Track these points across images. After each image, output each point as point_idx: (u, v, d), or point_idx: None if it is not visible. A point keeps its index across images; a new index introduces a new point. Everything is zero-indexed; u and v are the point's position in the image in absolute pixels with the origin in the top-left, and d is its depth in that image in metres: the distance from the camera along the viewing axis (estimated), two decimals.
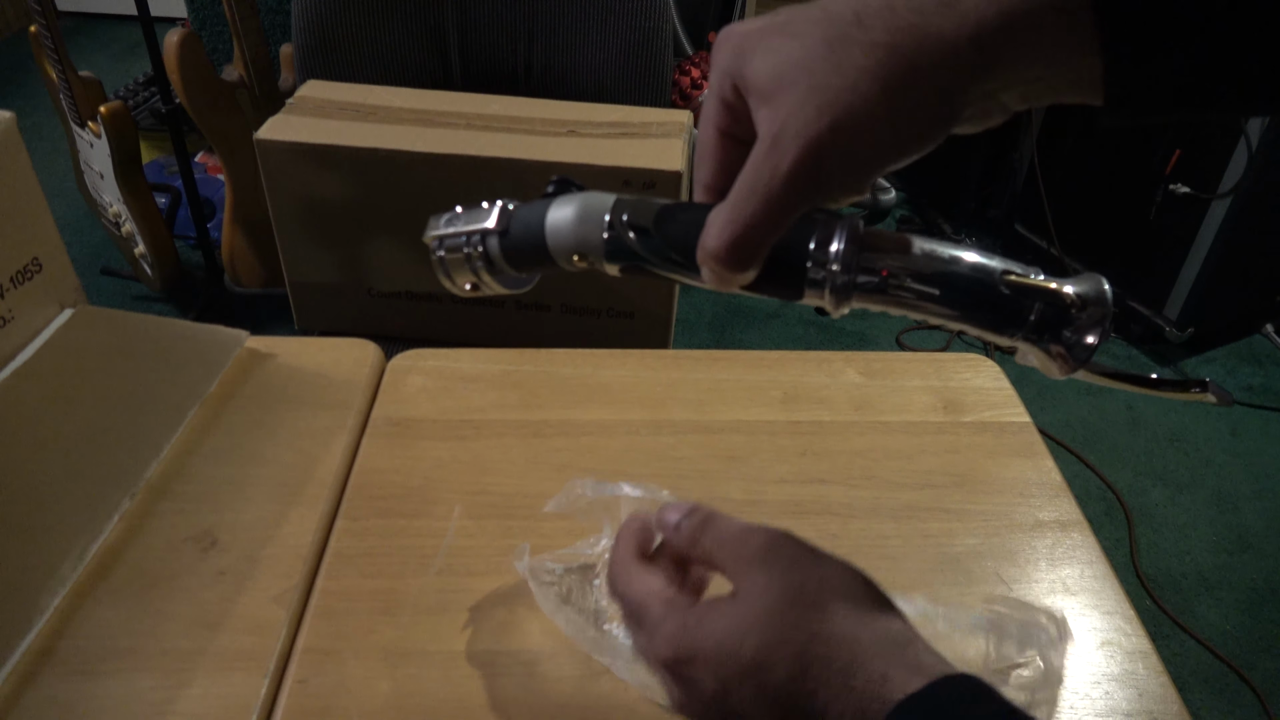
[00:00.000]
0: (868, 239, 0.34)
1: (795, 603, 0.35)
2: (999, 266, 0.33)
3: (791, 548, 0.37)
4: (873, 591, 0.36)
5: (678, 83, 2.18)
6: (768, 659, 0.34)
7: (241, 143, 1.70)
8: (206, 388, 0.70)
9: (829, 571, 0.36)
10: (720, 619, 0.36)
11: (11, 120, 0.65)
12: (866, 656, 0.33)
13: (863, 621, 0.34)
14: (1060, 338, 0.32)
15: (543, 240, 0.39)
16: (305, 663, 0.53)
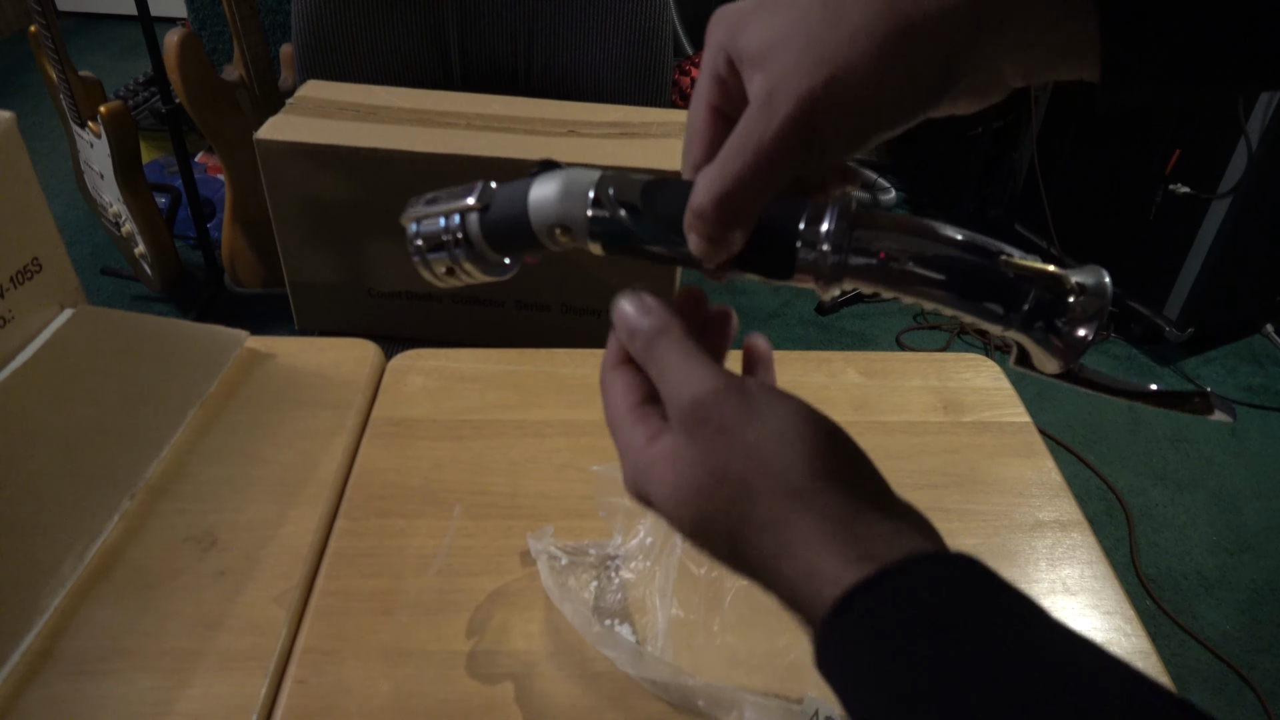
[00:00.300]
0: (861, 218, 0.33)
1: (722, 480, 0.31)
2: (997, 248, 0.32)
3: (720, 410, 0.32)
4: (813, 456, 0.31)
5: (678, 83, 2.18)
6: (705, 533, 0.32)
7: (241, 143, 1.69)
8: (206, 388, 0.70)
9: (759, 439, 0.31)
10: (663, 477, 0.33)
11: (11, 120, 0.65)
12: (795, 544, 0.30)
13: (793, 501, 0.30)
14: (1055, 326, 0.31)
15: (525, 216, 0.37)
16: (305, 663, 0.53)
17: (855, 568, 0.28)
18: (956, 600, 0.27)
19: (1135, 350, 2.07)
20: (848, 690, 0.28)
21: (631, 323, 0.35)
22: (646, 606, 0.56)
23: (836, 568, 0.28)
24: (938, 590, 0.27)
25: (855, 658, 0.27)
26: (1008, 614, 0.26)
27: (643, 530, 0.59)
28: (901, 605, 0.27)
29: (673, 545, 0.57)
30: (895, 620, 0.27)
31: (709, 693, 0.50)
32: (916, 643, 0.26)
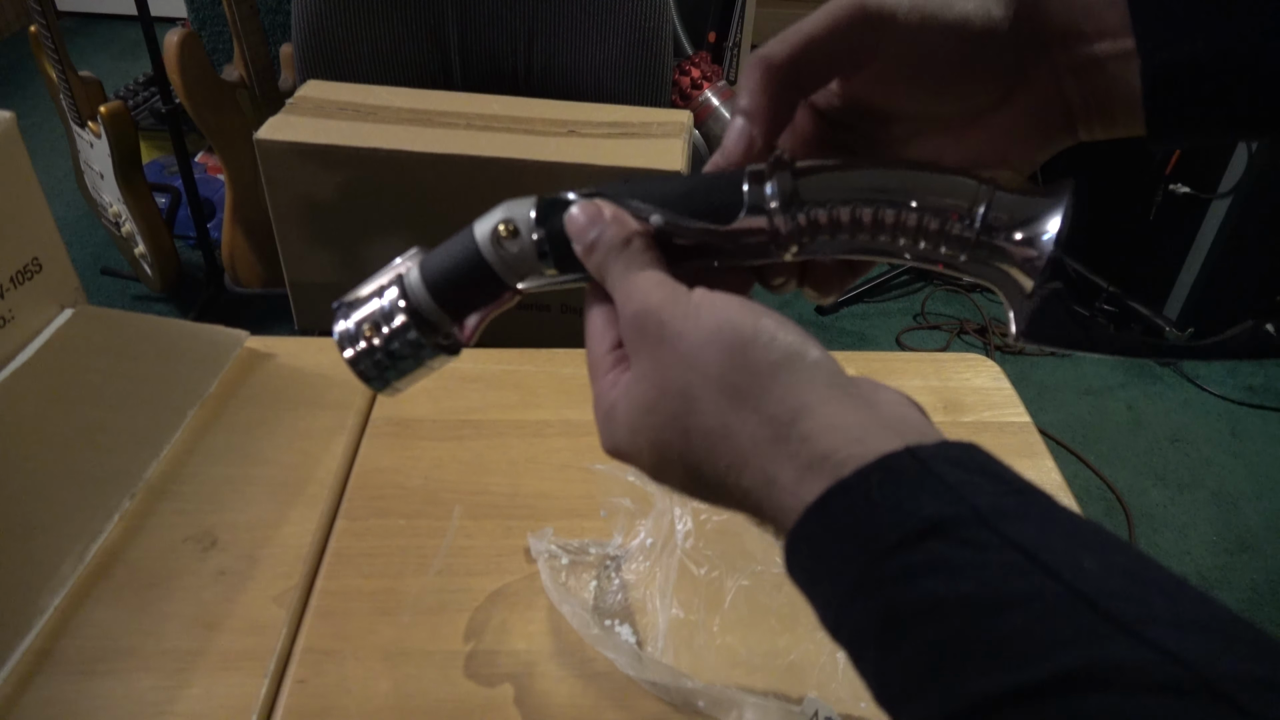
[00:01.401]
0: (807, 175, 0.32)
1: (664, 393, 0.30)
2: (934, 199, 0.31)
3: (659, 319, 0.31)
4: (748, 355, 0.29)
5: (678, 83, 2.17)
6: (663, 459, 0.31)
7: (241, 143, 1.69)
8: (206, 388, 0.70)
9: (695, 343, 0.29)
10: (622, 414, 0.32)
11: (11, 120, 0.65)
12: (745, 453, 0.28)
13: (734, 406, 0.28)
14: (1018, 226, 0.30)
15: (470, 237, 0.34)
16: (305, 663, 0.53)
17: (812, 474, 0.26)
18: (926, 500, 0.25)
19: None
20: (818, 602, 0.27)
21: (582, 233, 0.33)
22: (647, 607, 0.56)
23: (792, 475, 0.27)
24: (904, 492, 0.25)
25: (820, 568, 0.26)
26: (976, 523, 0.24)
27: (643, 531, 0.59)
28: (870, 511, 0.25)
29: (673, 546, 0.57)
30: (862, 531, 0.25)
31: (709, 694, 0.50)
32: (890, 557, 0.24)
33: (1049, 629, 0.21)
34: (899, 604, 0.24)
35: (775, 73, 0.33)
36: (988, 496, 0.25)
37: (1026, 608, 0.22)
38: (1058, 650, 0.21)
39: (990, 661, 0.22)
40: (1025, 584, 0.22)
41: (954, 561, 0.23)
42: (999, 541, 0.23)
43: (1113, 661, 0.20)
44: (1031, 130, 0.33)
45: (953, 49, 0.32)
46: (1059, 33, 0.31)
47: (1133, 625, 0.21)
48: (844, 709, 0.50)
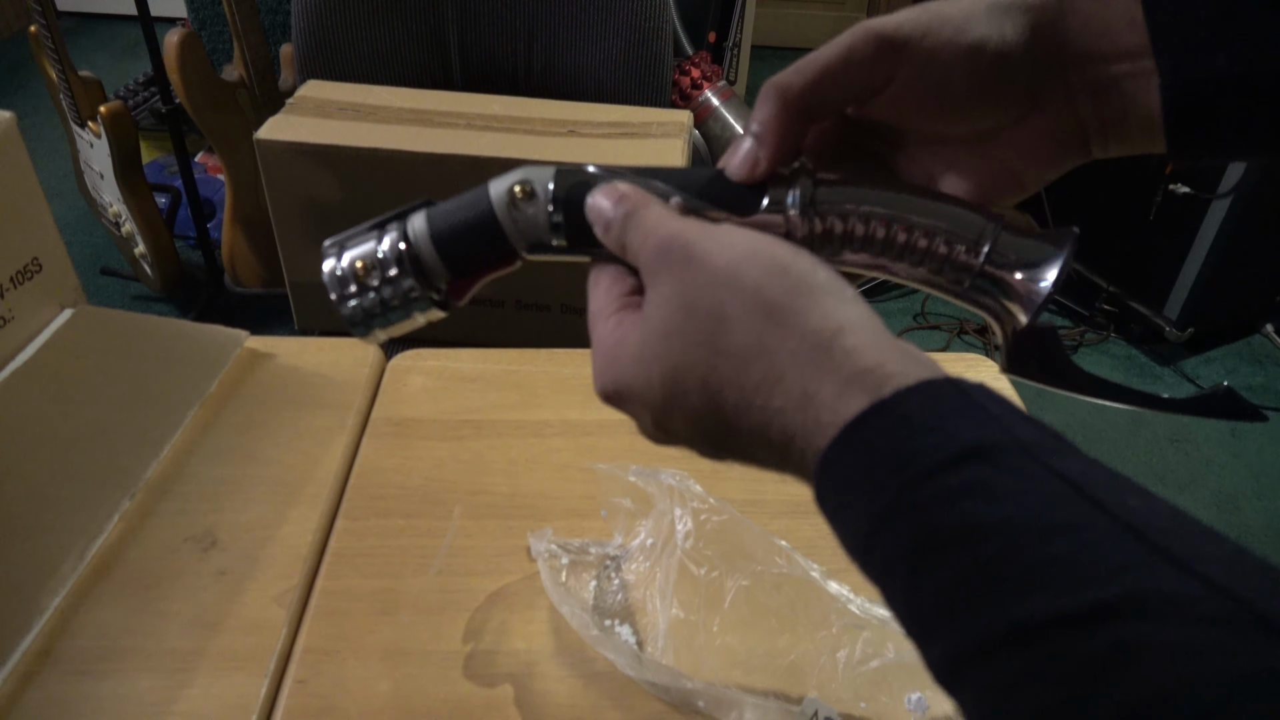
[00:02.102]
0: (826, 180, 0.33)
1: (691, 313, 0.29)
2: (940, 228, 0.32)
3: (685, 242, 0.30)
4: (788, 276, 0.29)
5: (678, 83, 2.17)
6: (678, 387, 0.29)
7: (241, 143, 1.69)
8: (206, 388, 0.70)
9: (728, 262, 0.29)
10: (632, 346, 0.31)
11: (11, 120, 0.65)
12: (783, 368, 0.27)
13: (772, 323, 0.28)
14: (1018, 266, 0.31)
15: (485, 194, 0.33)
16: (305, 663, 0.53)
17: (855, 389, 0.26)
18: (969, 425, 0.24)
19: (1135, 350, 2.07)
20: (847, 527, 0.26)
21: (606, 214, 0.33)
22: (647, 607, 0.56)
23: (835, 389, 0.26)
24: (947, 416, 0.24)
25: (852, 489, 0.25)
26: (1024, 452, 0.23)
27: (643, 531, 0.59)
28: (910, 432, 0.24)
29: (673, 546, 0.57)
30: (902, 451, 0.24)
31: (709, 694, 0.50)
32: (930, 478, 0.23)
33: (1096, 557, 0.21)
34: (937, 526, 0.23)
35: (790, 103, 0.33)
36: (1030, 432, 0.24)
37: (1072, 535, 0.21)
38: (1106, 578, 0.20)
39: (1034, 586, 0.21)
40: (1071, 512, 0.22)
41: (996, 486, 0.23)
42: (1042, 471, 0.23)
43: (1163, 591, 0.20)
44: (1046, 149, 0.34)
45: (967, 73, 0.32)
46: (1076, 54, 0.31)
47: (1182, 559, 0.20)
48: (844, 709, 0.50)
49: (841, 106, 0.34)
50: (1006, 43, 0.31)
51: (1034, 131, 0.33)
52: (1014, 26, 0.31)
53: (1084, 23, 0.31)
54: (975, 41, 0.31)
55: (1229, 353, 2.08)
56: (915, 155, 0.36)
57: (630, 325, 0.31)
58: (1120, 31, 0.30)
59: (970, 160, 0.34)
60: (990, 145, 0.34)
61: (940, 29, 0.31)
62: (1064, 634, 0.20)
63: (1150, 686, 0.19)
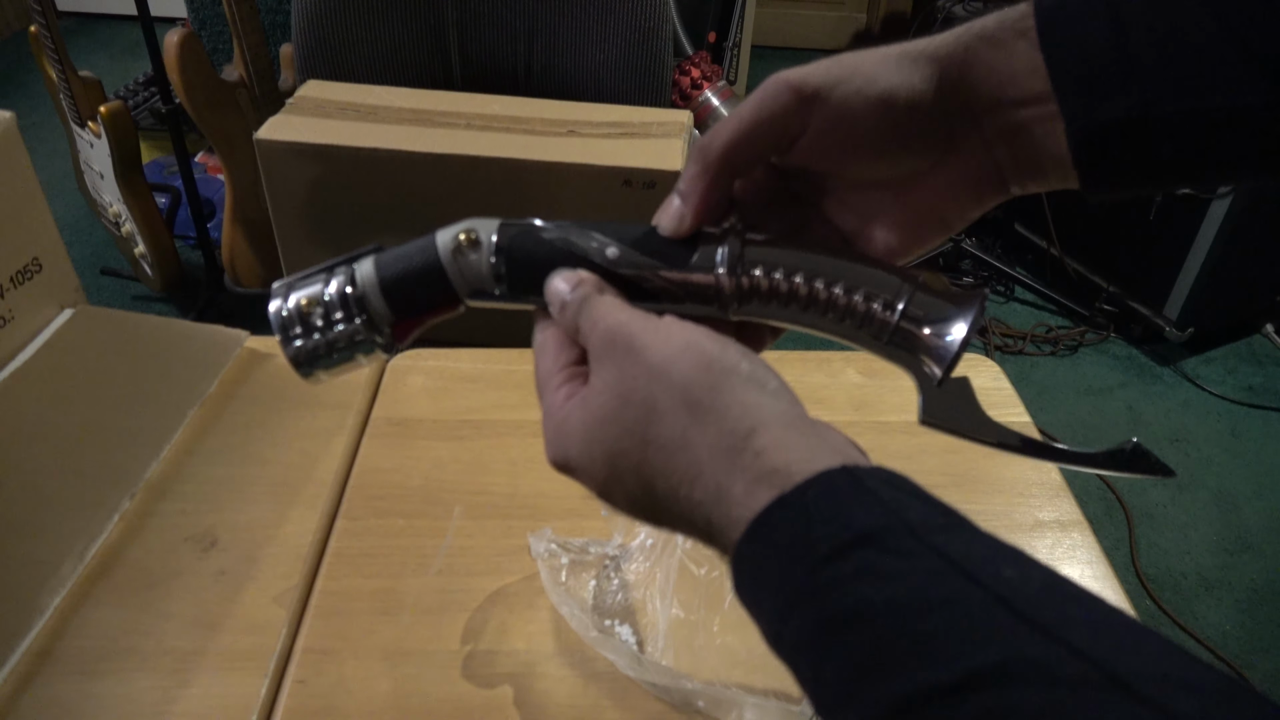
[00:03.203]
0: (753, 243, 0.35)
1: (627, 403, 0.31)
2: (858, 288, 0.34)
3: (629, 333, 0.32)
4: (715, 369, 0.30)
5: (678, 83, 2.17)
6: (615, 470, 0.31)
7: (241, 143, 1.69)
8: (206, 388, 0.70)
9: (663, 357, 0.31)
10: (576, 425, 0.32)
11: (11, 120, 0.65)
12: (701, 465, 0.29)
13: (694, 419, 0.29)
14: (932, 322, 0.33)
15: (431, 243, 0.35)
16: (305, 663, 0.53)
17: (762, 486, 0.27)
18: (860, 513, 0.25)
19: (1135, 350, 2.07)
20: (762, 618, 0.27)
21: (563, 296, 0.34)
22: (647, 607, 0.56)
23: (744, 487, 0.28)
24: (841, 505, 0.26)
25: (761, 582, 0.27)
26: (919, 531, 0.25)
27: (643, 531, 0.59)
28: (807, 524, 0.26)
29: (673, 546, 0.57)
30: (800, 542, 0.26)
31: (709, 694, 0.50)
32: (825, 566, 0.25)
33: (967, 630, 0.22)
34: (832, 611, 0.24)
35: (711, 163, 0.34)
36: (917, 512, 0.26)
37: (947, 610, 0.23)
38: (974, 649, 0.22)
39: (911, 661, 0.22)
40: (947, 588, 0.23)
41: (882, 569, 0.24)
42: (925, 550, 0.24)
43: (1025, 658, 0.21)
44: (965, 190, 0.35)
45: (880, 121, 0.33)
46: (984, 101, 0.33)
47: (1047, 626, 0.22)
48: None
49: (762, 158, 0.36)
50: (915, 91, 0.33)
51: (952, 174, 0.35)
52: (921, 76, 0.33)
53: (989, 71, 0.32)
54: (884, 91, 0.33)
55: (1229, 353, 2.08)
56: (843, 199, 0.37)
57: (576, 403, 0.33)
58: (1024, 78, 0.32)
59: (894, 203, 0.36)
60: (911, 188, 0.35)
61: (850, 79, 0.33)
62: (939, 704, 0.21)
63: None
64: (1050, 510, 0.65)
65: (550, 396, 0.34)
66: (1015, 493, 0.66)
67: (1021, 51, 0.32)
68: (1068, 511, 0.65)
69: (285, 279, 0.36)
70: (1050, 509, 0.65)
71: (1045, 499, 0.66)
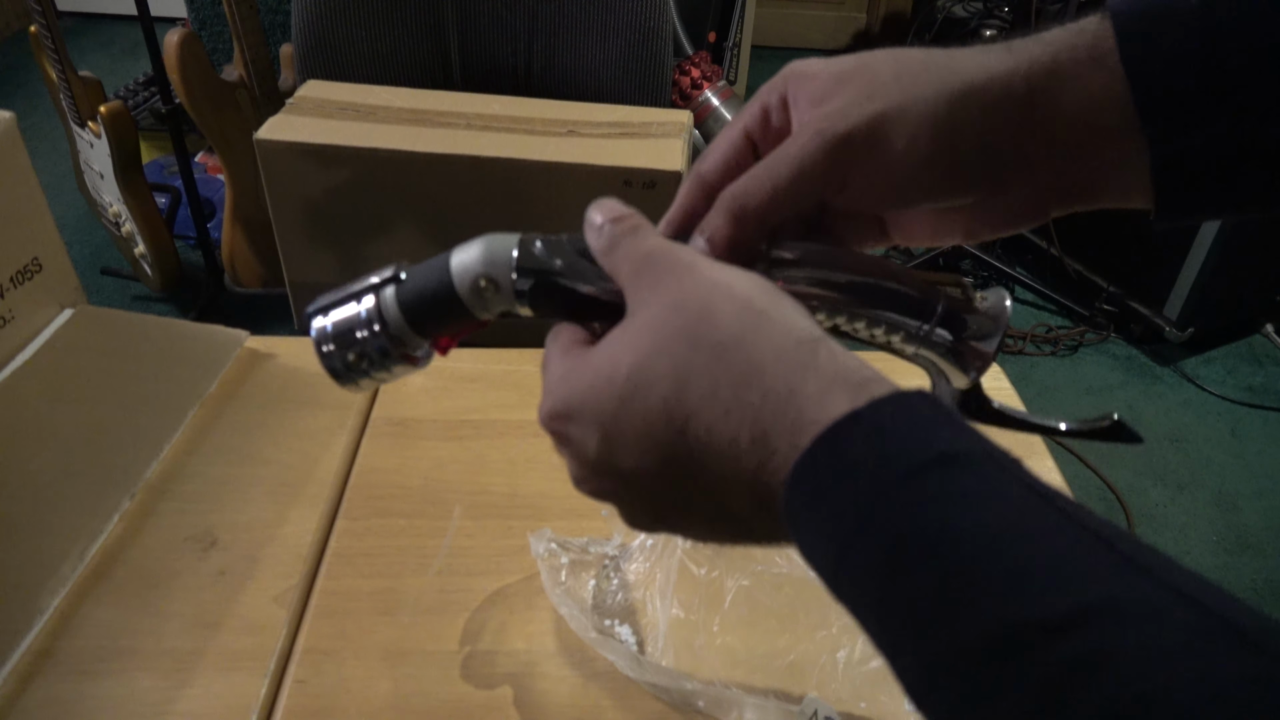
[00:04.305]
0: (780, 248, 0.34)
1: (677, 308, 0.28)
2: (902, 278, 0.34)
3: (676, 254, 0.30)
4: (774, 294, 0.29)
5: (678, 83, 2.17)
6: (643, 378, 0.28)
7: (241, 143, 1.69)
8: (206, 388, 0.70)
9: (722, 274, 0.29)
10: (598, 351, 0.30)
11: (11, 120, 0.65)
12: (763, 361, 0.26)
13: (759, 319, 0.27)
14: (962, 337, 0.34)
15: (448, 276, 0.35)
16: (305, 663, 0.53)
17: (838, 389, 0.25)
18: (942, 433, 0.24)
19: (1135, 350, 2.07)
20: (819, 539, 0.25)
21: (598, 223, 0.33)
22: (647, 607, 0.56)
23: (818, 386, 0.25)
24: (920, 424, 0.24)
25: (824, 498, 0.24)
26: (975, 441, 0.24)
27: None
28: (883, 440, 0.24)
29: (673, 546, 0.57)
30: (875, 457, 0.24)
31: (709, 694, 0.50)
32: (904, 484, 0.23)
33: (1071, 564, 0.21)
34: (910, 531, 0.22)
35: (746, 222, 0.32)
36: (998, 448, 0.24)
37: (1046, 542, 0.21)
38: (1081, 584, 0.20)
39: (1011, 592, 0.21)
40: (1043, 520, 0.22)
41: (969, 491, 0.23)
42: (1013, 480, 0.23)
43: (1137, 599, 0.20)
44: (1004, 217, 0.34)
45: (927, 172, 0.32)
46: (1046, 139, 0.31)
47: (1152, 569, 0.21)
48: (844, 709, 0.50)
49: (793, 215, 0.34)
50: (964, 140, 0.31)
51: (994, 205, 0.34)
52: (973, 124, 0.31)
53: (1055, 109, 0.31)
54: (935, 145, 0.31)
55: (1229, 353, 2.08)
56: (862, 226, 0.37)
57: (589, 350, 0.31)
58: (1101, 111, 0.30)
59: (920, 225, 0.36)
60: (947, 212, 0.35)
61: (897, 127, 0.31)
62: (1041, 640, 0.20)
63: (1130, 690, 0.19)
64: None
65: (553, 364, 0.33)
66: None
67: (1098, 83, 0.30)
68: None
69: (322, 299, 0.38)
70: None
71: None
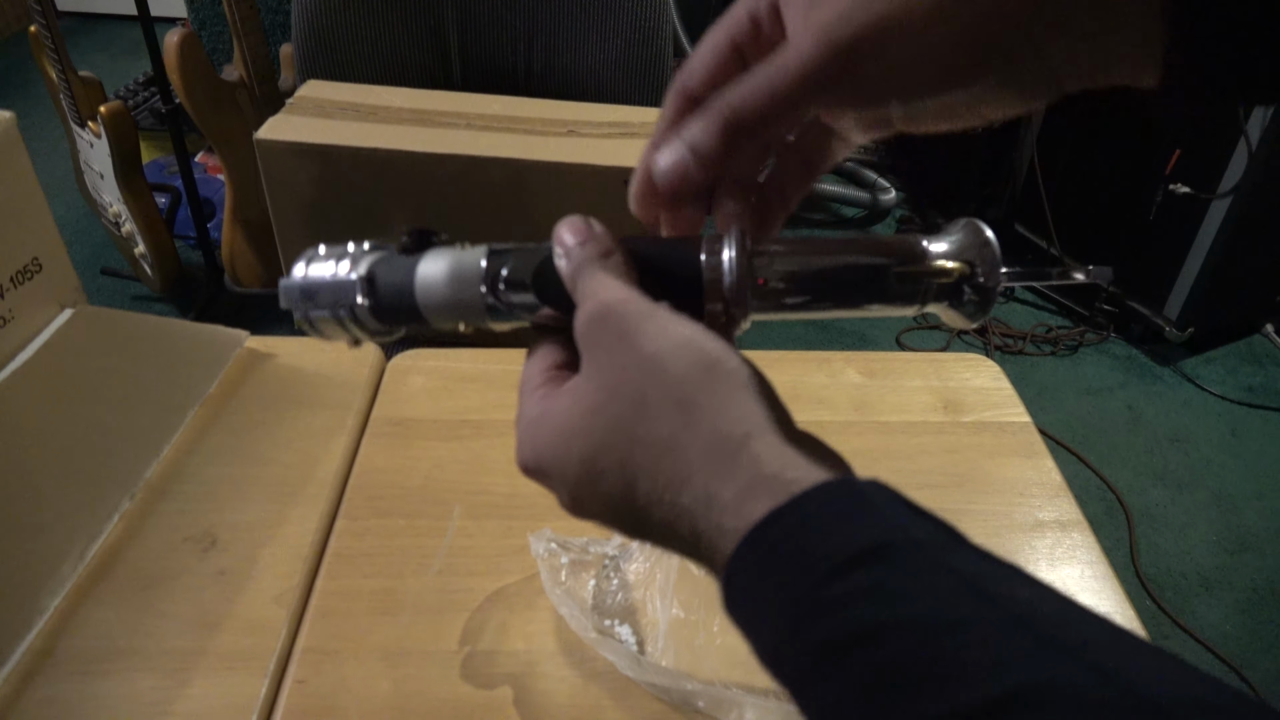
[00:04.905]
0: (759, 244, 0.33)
1: (614, 396, 0.29)
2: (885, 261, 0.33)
3: (622, 316, 0.30)
4: (712, 370, 0.28)
5: None
6: (594, 469, 0.29)
7: (241, 143, 1.69)
8: (206, 388, 0.70)
9: (658, 350, 0.29)
10: (553, 420, 0.31)
11: (11, 120, 0.65)
12: (691, 469, 0.27)
13: (686, 419, 0.28)
14: (962, 300, 0.33)
15: (414, 303, 0.35)
16: (305, 663, 0.53)
17: (757, 495, 0.26)
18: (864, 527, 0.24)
19: (1135, 350, 2.07)
20: (759, 637, 0.26)
21: (567, 246, 0.33)
22: (647, 607, 0.56)
23: (735, 494, 0.26)
24: (842, 519, 0.25)
25: (758, 598, 0.25)
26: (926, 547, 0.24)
27: None
28: (807, 538, 0.24)
29: None
30: (800, 556, 0.24)
31: (709, 694, 0.50)
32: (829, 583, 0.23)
33: (990, 652, 0.21)
34: (839, 631, 0.23)
35: (738, 133, 0.31)
36: (921, 529, 0.25)
37: (967, 631, 0.22)
38: (1000, 671, 0.21)
39: (931, 685, 0.21)
40: (965, 609, 0.22)
41: (892, 586, 0.23)
42: (935, 567, 0.23)
43: (1054, 682, 0.20)
44: (1015, 97, 0.31)
45: (934, 68, 0.29)
46: (1058, 22, 0.28)
47: (1071, 648, 0.21)
48: None
49: (791, 128, 0.33)
50: (970, 29, 0.29)
51: (1004, 87, 0.31)
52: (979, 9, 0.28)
53: None
54: (937, 45, 0.29)
55: (1229, 353, 2.08)
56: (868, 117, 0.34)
57: (554, 399, 0.31)
58: None
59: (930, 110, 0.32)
60: (952, 99, 0.32)
61: (899, 34, 0.29)
62: None
63: None
64: (1050, 510, 0.65)
65: (527, 397, 0.33)
66: (1015, 493, 0.66)
67: None
68: (1068, 511, 0.65)
69: (310, 251, 0.37)
70: (1050, 509, 0.65)
71: (1045, 499, 0.66)
